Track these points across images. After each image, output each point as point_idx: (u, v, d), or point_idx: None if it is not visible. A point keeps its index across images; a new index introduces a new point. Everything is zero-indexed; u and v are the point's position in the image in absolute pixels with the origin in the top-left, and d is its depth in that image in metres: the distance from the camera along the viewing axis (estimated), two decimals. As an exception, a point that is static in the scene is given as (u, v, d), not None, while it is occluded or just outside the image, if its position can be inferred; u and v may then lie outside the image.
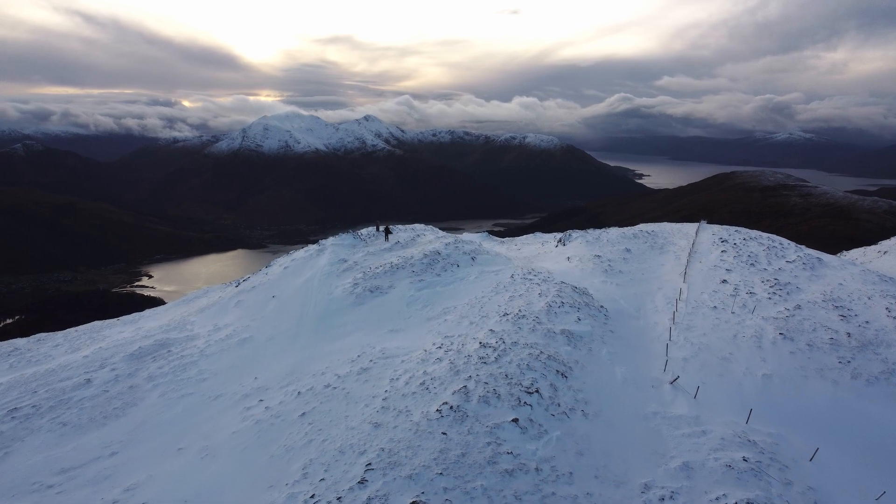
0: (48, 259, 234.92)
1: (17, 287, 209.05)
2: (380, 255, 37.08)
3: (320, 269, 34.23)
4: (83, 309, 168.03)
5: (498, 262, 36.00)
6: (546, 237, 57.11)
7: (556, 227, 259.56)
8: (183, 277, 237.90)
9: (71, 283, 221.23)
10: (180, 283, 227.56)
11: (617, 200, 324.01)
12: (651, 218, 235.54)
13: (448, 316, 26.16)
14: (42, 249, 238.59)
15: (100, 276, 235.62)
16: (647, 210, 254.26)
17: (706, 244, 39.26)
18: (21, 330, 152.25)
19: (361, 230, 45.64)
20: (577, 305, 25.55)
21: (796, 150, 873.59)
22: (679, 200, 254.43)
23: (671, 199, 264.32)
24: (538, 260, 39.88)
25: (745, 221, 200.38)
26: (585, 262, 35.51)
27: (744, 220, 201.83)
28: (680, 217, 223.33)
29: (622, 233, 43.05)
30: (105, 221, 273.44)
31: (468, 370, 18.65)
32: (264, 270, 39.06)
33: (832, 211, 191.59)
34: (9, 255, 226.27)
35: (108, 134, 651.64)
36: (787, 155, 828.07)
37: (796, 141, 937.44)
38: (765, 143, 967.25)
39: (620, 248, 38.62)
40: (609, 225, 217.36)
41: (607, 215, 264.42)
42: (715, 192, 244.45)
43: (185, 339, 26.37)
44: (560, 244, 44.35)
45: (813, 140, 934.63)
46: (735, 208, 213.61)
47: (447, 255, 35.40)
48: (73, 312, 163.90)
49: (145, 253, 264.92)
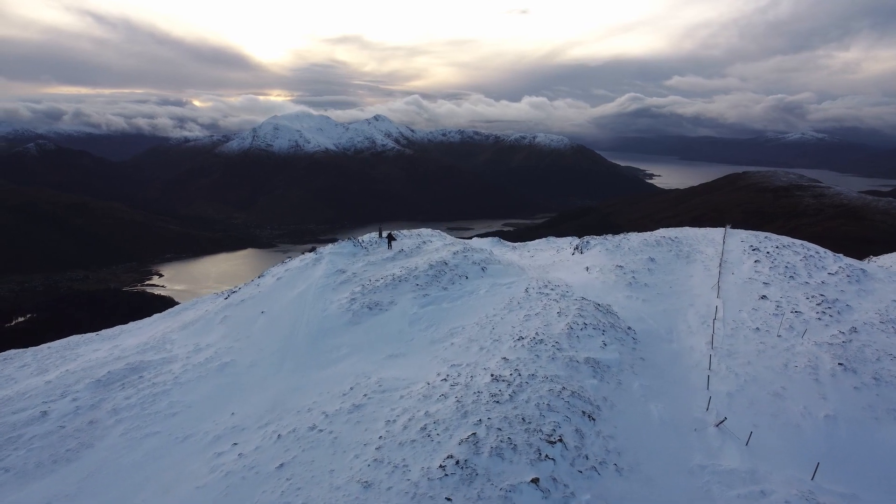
0: (60, 258, 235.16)
1: (29, 286, 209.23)
2: (381, 265, 34.35)
3: (315, 282, 31.50)
4: (95, 308, 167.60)
5: (510, 272, 33.16)
6: (560, 242, 53.85)
7: (566, 226, 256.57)
8: (193, 276, 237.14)
9: (83, 281, 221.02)
10: (190, 282, 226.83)
11: (627, 200, 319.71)
12: (662, 218, 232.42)
13: (455, 338, 23.37)
14: (54, 248, 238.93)
15: (111, 274, 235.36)
16: (658, 210, 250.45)
17: (736, 252, 36.24)
18: (32, 328, 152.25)
19: (363, 236, 42.76)
20: (602, 327, 22.55)
21: (808, 151, 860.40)
22: (690, 200, 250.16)
23: (682, 200, 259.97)
24: (554, 269, 36.85)
25: (757, 222, 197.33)
26: (606, 274, 32.49)
27: (756, 220, 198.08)
28: (692, 217, 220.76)
29: (644, 240, 40.06)
30: (116, 221, 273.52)
31: (478, 411, 15.76)
32: (256, 281, 36.43)
33: (846, 212, 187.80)
34: (21, 254, 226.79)
35: (119, 133, 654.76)
36: (799, 155, 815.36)
37: (808, 141, 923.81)
38: (776, 143, 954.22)
39: (644, 257, 35.55)
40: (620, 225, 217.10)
41: (618, 215, 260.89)
42: (727, 193, 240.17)
43: (160, 361, 23.64)
44: (577, 252, 41.38)
45: (825, 140, 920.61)
46: (747, 208, 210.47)
47: (455, 265, 32.59)
48: (85, 311, 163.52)
49: (156, 252, 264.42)
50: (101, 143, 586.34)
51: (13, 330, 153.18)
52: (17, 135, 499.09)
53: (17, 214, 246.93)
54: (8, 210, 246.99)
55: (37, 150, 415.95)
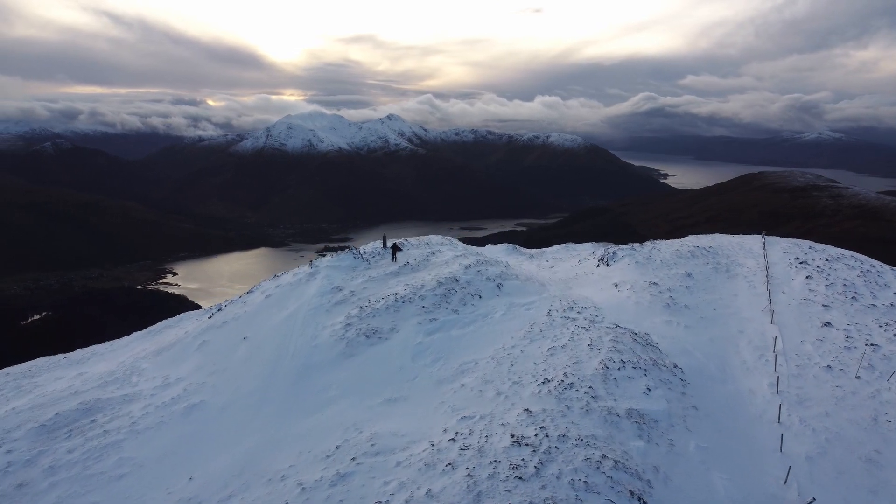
0: (75, 256, 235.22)
1: (44, 284, 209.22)
2: (384, 281, 30.80)
3: (308, 301, 28.06)
4: (108, 306, 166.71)
5: (529, 289, 29.56)
6: (580, 250, 49.62)
7: (579, 227, 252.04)
8: (206, 275, 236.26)
9: (97, 280, 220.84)
10: (204, 280, 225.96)
11: (641, 200, 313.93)
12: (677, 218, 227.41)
13: (466, 377, 19.81)
14: (69, 247, 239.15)
15: (125, 273, 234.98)
16: (673, 210, 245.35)
17: (781, 266, 32.47)
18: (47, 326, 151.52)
19: (365, 246, 39.10)
20: (643, 365, 18.81)
21: (825, 150, 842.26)
22: (705, 201, 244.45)
23: (697, 200, 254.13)
24: (578, 284, 33.15)
25: (773, 222, 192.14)
26: (639, 293, 28.74)
27: (773, 221, 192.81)
28: (707, 218, 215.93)
29: (676, 250, 36.36)
30: (131, 219, 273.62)
31: (495, 492, 12.17)
32: (243, 298, 33.01)
33: (864, 212, 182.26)
34: (37, 253, 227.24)
35: (134, 133, 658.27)
36: (816, 155, 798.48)
37: (825, 141, 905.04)
38: (792, 142, 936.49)
39: (679, 271, 31.78)
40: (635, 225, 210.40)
41: (631, 216, 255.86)
42: (742, 193, 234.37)
43: (120, 399, 20.24)
44: (602, 264, 37.60)
45: (842, 140, 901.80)
46: (764, 209, 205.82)
47: (467, 281, 29.06)
48: (100, 309, 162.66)
49: (170, 251, 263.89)
50: (117, 143, 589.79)
51: (28, 328, 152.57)
52: (35, 134, 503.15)
53: (34, 213, 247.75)
54: (24, 209, 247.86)
55: (53, 150, 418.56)
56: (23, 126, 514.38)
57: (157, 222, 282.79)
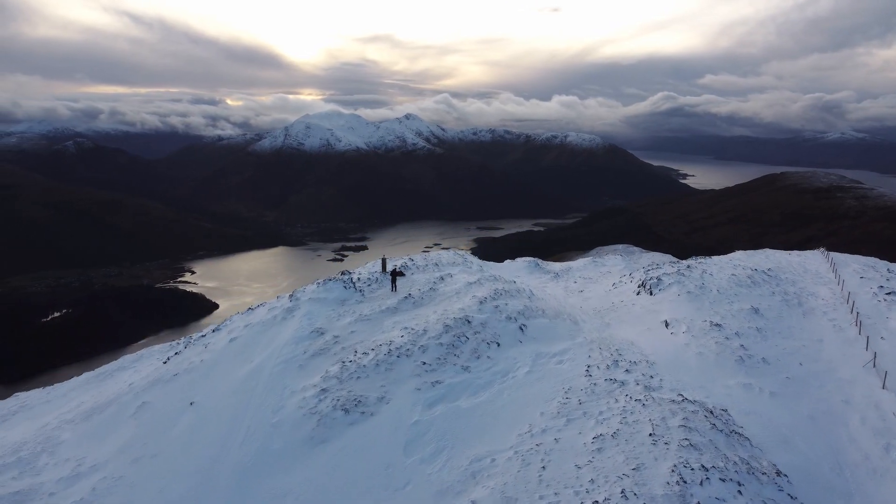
0: (95, 254, 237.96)
1: (65, 281, 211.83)
2: (377, 321, 25.59)
3: (278, 350, 23.13)
4: (126, 304, 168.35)
5: (560, 330, 24.97)
6: (609, 265, 44.76)
7: (597, 227, 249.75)
8: (224, 274, 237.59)
9: (117, 278, 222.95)
10: (222, 279, 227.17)
11: (660, 201, 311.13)
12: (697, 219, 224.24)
13: (477, 489, 14.67)
14: (90, 245, 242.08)
15: (144, 271, 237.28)
16: (692, 211, 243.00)
17: (864, 297, 27.89)
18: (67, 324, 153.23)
19: (361, 270, 33.96)
20: (733, 473, 14.12)
21: (848, 151, 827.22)
22: (726, 202, 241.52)
23: (718, 200, 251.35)
24: (617, 319, 28.01)
25: (796, 224, 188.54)
26: (700, 338, 24.04)
27: (795, 222, 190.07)
28: (728, 219, 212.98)
29: (732, 275, 31.73)
30: (150, 218, 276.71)
31: None
32: (206, 339, 27.93)
33: (890, 214, 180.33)
34: (58, 250, 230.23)
35: (154, 132, 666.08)
36: (839, 155, 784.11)
37: (848, 141, 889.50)
38: (814, 142, 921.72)
39: (743, 306, 27.24)
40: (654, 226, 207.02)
41: (650, 216, 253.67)
42: (764, 194, 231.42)
43: (6, 501, 17.11)
44: (644, 291, 32.71)
45: (866, 140, 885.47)
46: (786, 210, 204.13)
47: (482, 323, 23.91)
48: (118, 307, 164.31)
49: (188, 249, 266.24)
50: (137, 142, 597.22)
51: (49, 325, 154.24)
52: (57, 133, 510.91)
53: (55, 211, 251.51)
54: (46, 207, 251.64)
55: (75, 148, 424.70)
56: (46, 125, 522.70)
57: (177, 221, 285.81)
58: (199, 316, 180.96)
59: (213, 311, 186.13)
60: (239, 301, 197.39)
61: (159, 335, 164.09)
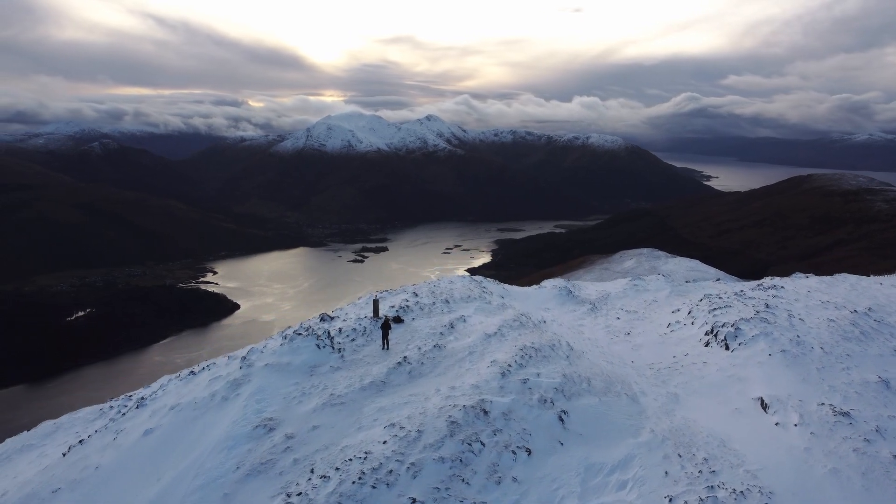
0: (119, 254, 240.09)
1: (89, 281, 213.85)
2: (354, 407, 18.70)
3: (200, 462, 16.45)
4: (151, 304, 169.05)
5: (614, 418, 17.98)
6: (654, 289, 37.90)
7: (620, 229, 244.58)
8: (245, 274, 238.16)
9: (140, 277, 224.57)
10: (243, 279, 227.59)
11: (684, 203, 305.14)
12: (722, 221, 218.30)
13: None
14: (114, 244, 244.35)
15: (167, 271, 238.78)
16: (718, 214, 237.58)
17: None
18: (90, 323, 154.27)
19: (346, 315, 26.89)
20: None
21: (876, 152, 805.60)
22: (751, 204, 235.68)
23: (743, 203, 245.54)
24: (685, 387, 20.72)
25: (825, 227, 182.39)
26: (824, 437, 16.14)
27: (824, 225, 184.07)
28: (754, 221, 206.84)
29: (830, 320, 24.23)
30: (173, 218, 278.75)
31: None
32: (117, 425, 21.37)
33: None
34: (83, 250, 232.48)
35: (177, 133, 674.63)
36: (867, 157, 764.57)
37: (876, 142, 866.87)
38: (841, 144, 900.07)
39: (867, 376, 19.42)
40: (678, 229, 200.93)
41: (674, 218, 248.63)
42: (790, 196, 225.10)
43: None
44: (714, 341, 25.11)
45: (895, 141, 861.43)
46: (815, 213, 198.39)
47: (505, 413, 17.05)
48: (141, 307, 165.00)
49: (211, 249, 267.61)
50: (161, 143, 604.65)
51: (73, 325, 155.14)
52: (84, 134, 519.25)
53: (81, 211, 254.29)
54: (72, 207, 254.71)
55: (101, 149, 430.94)
56: (73, 126, 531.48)
57: (200, 221, 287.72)
58: (221, 316, 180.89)
59: (234, 312, 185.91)
60: (259, 301, 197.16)
61: (181, 335, 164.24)
